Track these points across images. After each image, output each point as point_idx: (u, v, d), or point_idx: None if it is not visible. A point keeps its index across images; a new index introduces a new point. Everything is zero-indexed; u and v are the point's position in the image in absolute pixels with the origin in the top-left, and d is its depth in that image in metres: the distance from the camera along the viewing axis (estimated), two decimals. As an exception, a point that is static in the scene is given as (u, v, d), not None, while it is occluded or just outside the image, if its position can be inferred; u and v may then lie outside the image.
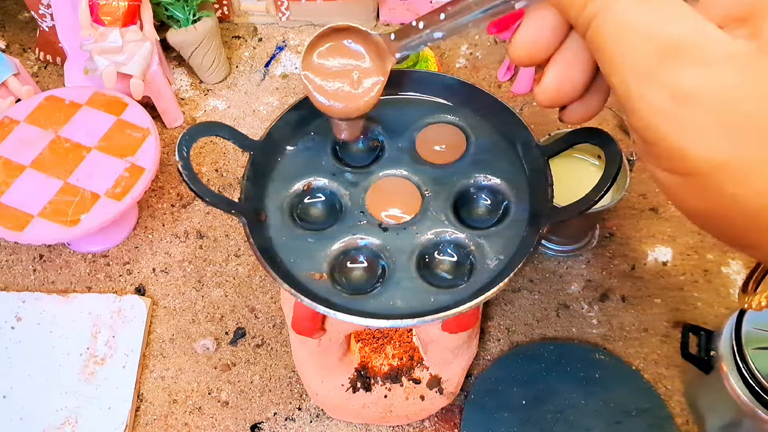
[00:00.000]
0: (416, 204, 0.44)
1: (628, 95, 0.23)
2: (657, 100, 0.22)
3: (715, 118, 0.21)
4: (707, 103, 0.21)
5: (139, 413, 0.58)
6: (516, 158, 0.45)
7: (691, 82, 0.22)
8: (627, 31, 0.23)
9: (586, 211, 0.38)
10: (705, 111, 0.21)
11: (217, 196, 0.41)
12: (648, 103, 0.23)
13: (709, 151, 0.22)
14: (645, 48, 0.22)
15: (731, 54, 0.22)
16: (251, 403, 0.59)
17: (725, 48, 0.22)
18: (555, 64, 0.28)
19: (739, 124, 0.21)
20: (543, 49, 0.28)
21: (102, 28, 0.69)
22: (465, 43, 0.83)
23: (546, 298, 0.63)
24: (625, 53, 0.23)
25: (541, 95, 0.29)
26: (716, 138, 0.21)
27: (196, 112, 0.79)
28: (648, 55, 0.22)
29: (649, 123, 0.23)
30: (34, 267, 0.67)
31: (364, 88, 0.39)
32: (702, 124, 0.22)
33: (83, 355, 0.60)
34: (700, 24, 0.22)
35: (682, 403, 0.56)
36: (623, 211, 0.67)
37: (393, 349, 0.56)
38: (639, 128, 0.24)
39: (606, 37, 0.24)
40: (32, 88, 0.71)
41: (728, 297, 0.61)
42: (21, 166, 0.63)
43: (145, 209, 0.71)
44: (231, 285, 0.65)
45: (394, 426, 0.57)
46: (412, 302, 0.40)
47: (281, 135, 0.47)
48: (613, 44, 0.23)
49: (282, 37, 0.86)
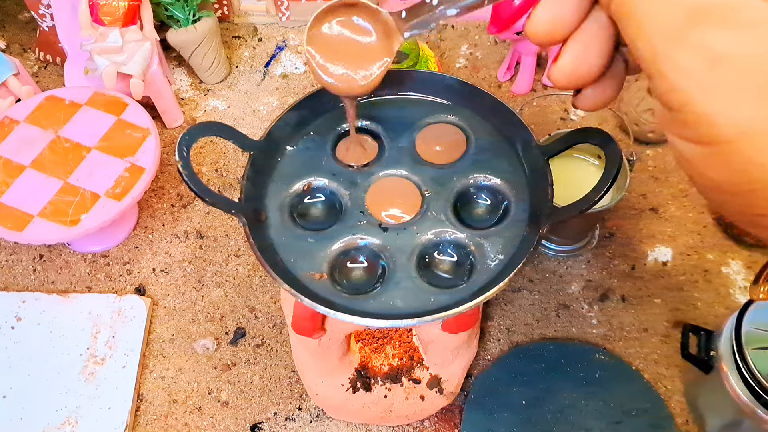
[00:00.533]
0: (416, 204, 0.44)
1: (655, 58, 0.23)
2: (687, 61, 0.22)
3: (746, 82, 0.21)
4: (738, 67, 0.21)
5: (139, 413, 0.58)
6: (516, 158, 0.45)
7: (723, 45, 0.21)
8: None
9: (586, 211, 0.38)
10: (736, 74, 0.21)
11: (217, 196, 0.41)
12: (677, 65, 0.22)
13: (737, 116, 0.21)
14: (676, 10, 0.22)
15: (765, 18, 0.21)
16: (251, 403, 0.59)
17: (759, 12, 0.21)
18: (573, 43, 0.28)
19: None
20: (563, 26, 0.27)
21: (102, 28, 0.69)
22: (465, 43, 0.83)
23: (546, 298, 0.63)
24: (654, 15, 0.23)
25: (557, 75, 0.29)
26: (746, 103, 0.21)
27: (196, 112, 0.79)
28: (679, 18, 0.22)
29: (676, 86, 0.22)
30: (34, 267, 0.67)
31: (369, 68, 0.39)
32: (732, 88, 0.21)
33: (83, 355, 0.60)
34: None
35: (682, 403, 0.56)
36: (623, 211, 0.67)
37: (393, 349, 0.56)
38: (665, 93, 0.23)
39: (635, 1, 0.23)
40: (32, 88, 0.71)
41: (728, 297, 0.61)
42: (21, 166, 0.63)
43: (145, 209, 0.71)
44: (231, 285, 0.65)
45: (394, 426, 0.57)
46: (412, 302, 0.40)
47: (281, 135, 0.47)
48: (642, 8, 0.23)
49: (282, 37, 0.86)
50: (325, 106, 0.48)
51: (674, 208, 0.67)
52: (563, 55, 0.28)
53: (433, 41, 0.84)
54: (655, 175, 0.70)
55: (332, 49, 0.39)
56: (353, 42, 0.38)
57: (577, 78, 0.28)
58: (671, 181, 0.69)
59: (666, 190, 0.68)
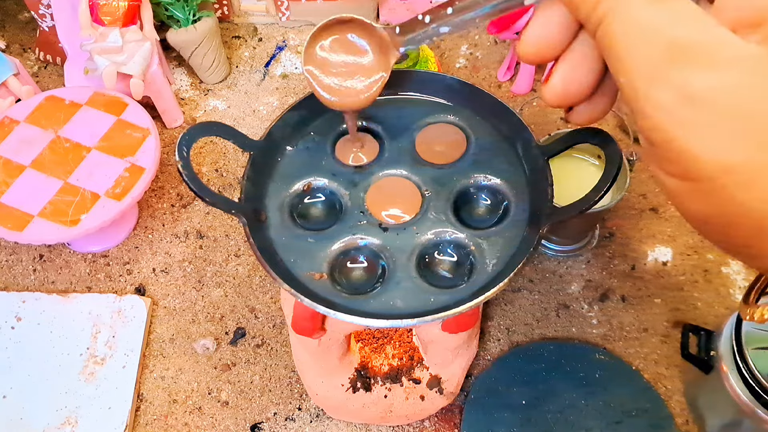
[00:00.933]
0: (416, 204, 0.44)
1: (637, 96, 0.23)
2: (666, 100, 0.22)
3: (725, 120, 0.21)
4: (717, 105, 0.21)
5: (139, 413, 0.58)
6: (516, 158, 0.45)
7: (702, 84, 0.21)
8: (637, 31, 0.23)
9: (586, 211, 0.38)
10: (715, 113, 0.21)
11: (217, 196, 0.41)
12: (656, 103, 0.22)
13: (717, 154, 0.21)
14: (655, 48, 0.22)
15: (743, 56, 0.21)
16: (251, 403, 0.59)
17: (737, 50, 0.22)
18: (563, 63, 0.28)
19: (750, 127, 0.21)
20: (552, 46, 0.28)
21: (102, 28, 0.69)
22: (465, 43, 0.84)
23: (546, 298, 0.63)
24: (634, 53, 0.23)
25: (548, 94, 0.29)
26: (725, 141, 0.21)
27: (196, 112, 0.79)
28: (658, 56, 0.22)
29: (657, 124, 0.22)
30: (34, 267, 0.67)
31: (366, 83, 0.39)
32: (711, 127, 0.21)
33: (83, 355, 0.60)
34: (711, 27, 0.22)
35: (682, 403, 0.56)
36: (623, 211, 0.67)
37: (393, 349, 0.56)
38: (646, 129, 0.23)
39: (616, 37, 0.23)
40: (32, 88, 0.71)
41: (728, 297, 0.61)
42: (21, 166, 0.63)
43: (145, 209, 0.71)
44: (231, 285, 0.65)
45: (394, 426, 0.57)
46: (412, 302, 0.40)
47: (281, 135, 0.47)
48: (622, 44, 0.23)
49: (282, 37, 0.86)
50: (324, 107, 0.48)
51: (674, 208, 0.67)
52: (553, 76, 0.28)
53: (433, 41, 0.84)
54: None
55: (330, 67, 0.40)
56: (350, 59, 0.39)
57: (569, 96, 0.29)
58: (671, 181, 0.69)
59: (666, 190, 0.68)
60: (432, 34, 0.34)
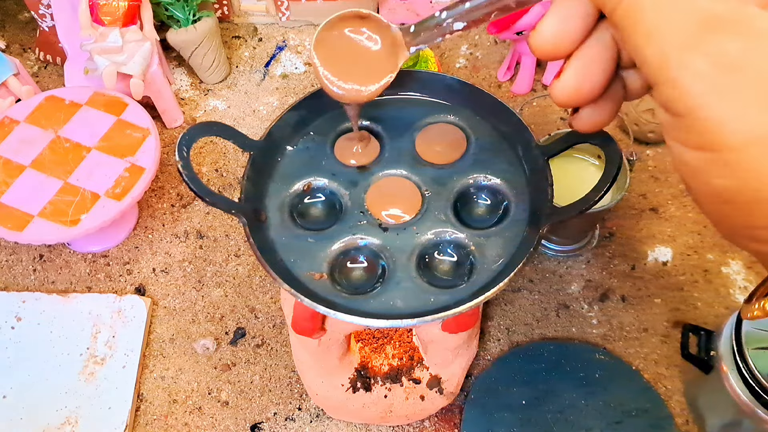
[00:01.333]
0: (416, 204, 0.44)
1: (666, 65, 0.23)
2: (701, 67, 0.22)
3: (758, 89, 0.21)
4: (751, 73, 0.21)
5: (139, 413, 0.58)
6: (516, 158, 0.45)
7: (738, 52, 0.22)
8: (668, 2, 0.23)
9: (586, 211, 0.38)
10: (748, 81, 0.21)
11: (217, 196, 0.41)
12: (691, 70, 0.22)
13: (747, 122, 0.21)
14: (690, 17, 0.23)
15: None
16: (251, 403, 0.59)
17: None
18: (576, 60, 0.28)
19: None
20: (570, 40, 0.28)
21: (102, 28, 0.69)
22: (465, 43, 0.84)
23: (546, 298, 0.63)
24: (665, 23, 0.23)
25: (559, 92, 0.28)
26: (756, 109, 0.21)
27: (196, 112, 0.79)
28: (691, 25, 0.22)
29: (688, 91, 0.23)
30: (34, 267, 0.67)
31: (372, 80, 0.39)
32: (743, 94, 0.21)
33: (83, 355, 0.60)
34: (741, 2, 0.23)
35: (682, 403, 0.56)
36: (623, 211, 0.67)
37: (393, 349, 0.56)
38: (672, 99, 0.23)
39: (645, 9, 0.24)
40: (32, 88, 0.71)
41: (728, 297, 0.61)
42: (21, 166, 0.63)
43: (145, 209, 0.71)
44: (231, 285, 0.65)
45: (394, 426, 0.57)
46: (412, 302, 0.40)
47: (281, 135, 0.47)
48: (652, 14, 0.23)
49: (282, 37, 0.86)
50: (325, 106, 0.48)
51: (674, 208, 0.67)
52: (566, 71, 0.28)
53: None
54: (655, 175, 0.70)
55: (338, 58, 0.39)
56: (360, 53, 0.39)
57: (580, 95, 0.28)
58: (671, 181, 0.69)
59: (666, 190, 0.68)
60: (446, 30, 0.34)
